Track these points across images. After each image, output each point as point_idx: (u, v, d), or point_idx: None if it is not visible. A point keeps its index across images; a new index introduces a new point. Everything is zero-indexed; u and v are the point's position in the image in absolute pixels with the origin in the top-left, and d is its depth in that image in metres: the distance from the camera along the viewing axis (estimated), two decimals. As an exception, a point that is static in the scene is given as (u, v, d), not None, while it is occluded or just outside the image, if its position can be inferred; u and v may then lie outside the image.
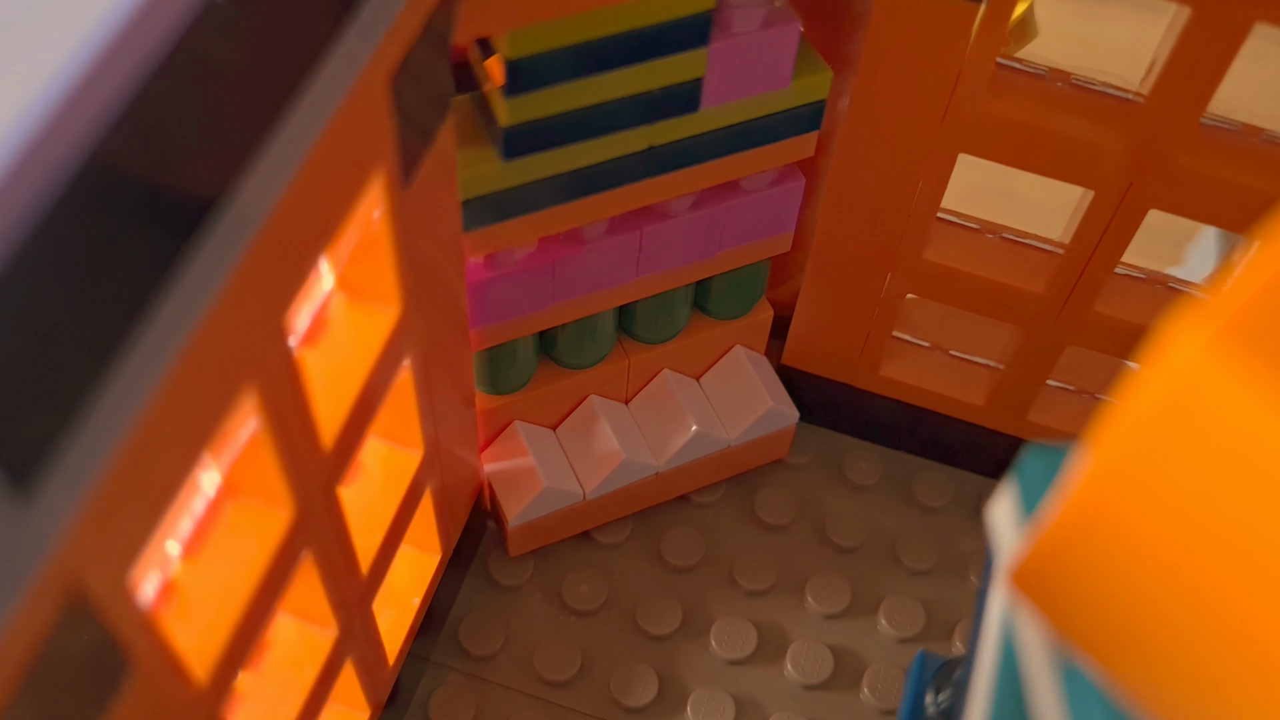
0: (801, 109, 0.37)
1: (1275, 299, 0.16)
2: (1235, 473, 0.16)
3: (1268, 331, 0.15)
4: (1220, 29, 0.33)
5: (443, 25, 0.28)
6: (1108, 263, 0.40)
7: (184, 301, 0.21)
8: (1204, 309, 0.16)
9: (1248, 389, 0.15)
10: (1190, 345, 0.16)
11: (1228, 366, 0.15)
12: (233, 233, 0.22)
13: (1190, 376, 0.16)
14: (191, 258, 0.21)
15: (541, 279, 0.37)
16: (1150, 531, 0.18)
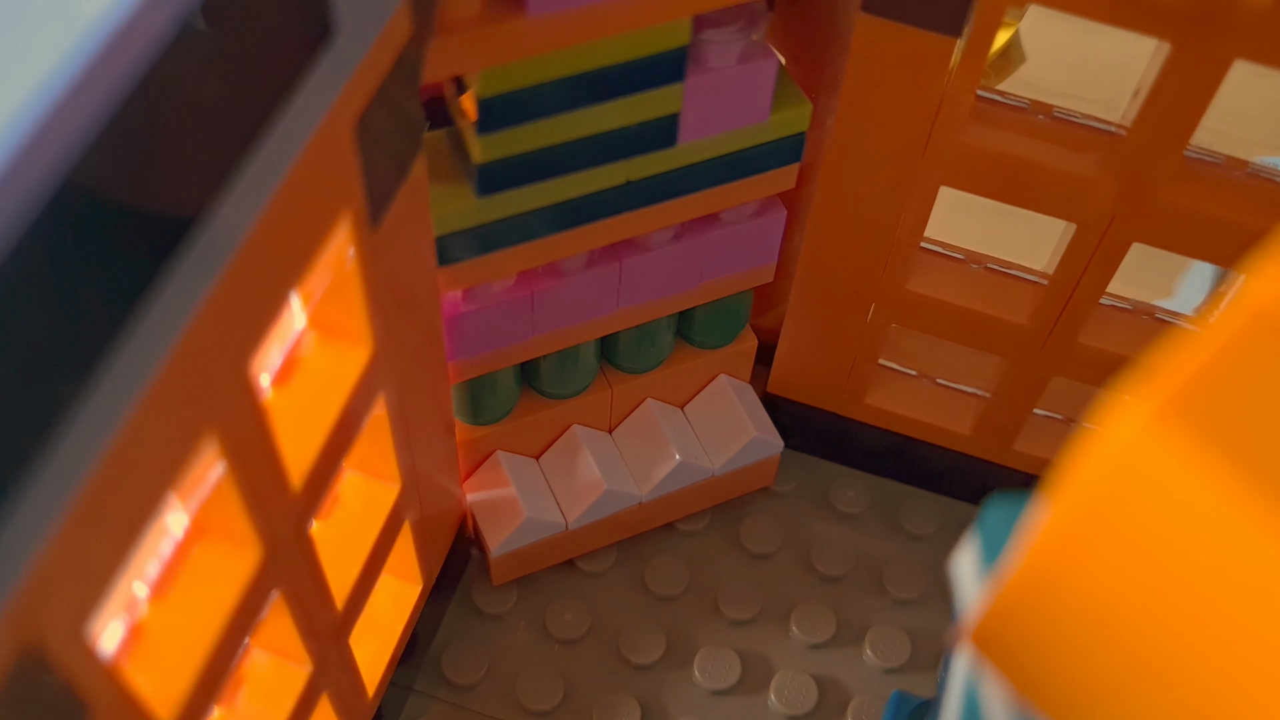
0: (781, 141, 0.37)
1: (1213, 379, 0.16)
2: (1174, 544, 0.16)
3: (1205, 410, 0.15)
4: (1200, 64, 0.32)
5: (411, 67, 0.28)
6: (1092, 295, 0.39)
7: (143, 348, 0.21)
8: (1147, 386, 0.16)
9: (1185, 465, 0.15)
10: (1132, 421, 0.15)
11: (1166, 443, 0.15)
12: (193, 280, 0.22)
13: (1131, 452, 0.16)
14: (150, 304, 0.21)
15: (520, 312, 0.37)
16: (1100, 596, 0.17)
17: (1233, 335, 0.16)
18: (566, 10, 0.30)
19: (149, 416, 0.22)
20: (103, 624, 0.26)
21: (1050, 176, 0.36)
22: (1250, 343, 0.16)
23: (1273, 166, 0.37)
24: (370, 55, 0.26)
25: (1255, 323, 0.16)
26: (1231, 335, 0.16)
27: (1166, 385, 0.16)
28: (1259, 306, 0.16)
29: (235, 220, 0.23)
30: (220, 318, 0.23)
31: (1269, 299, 0.16)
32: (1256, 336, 0.16)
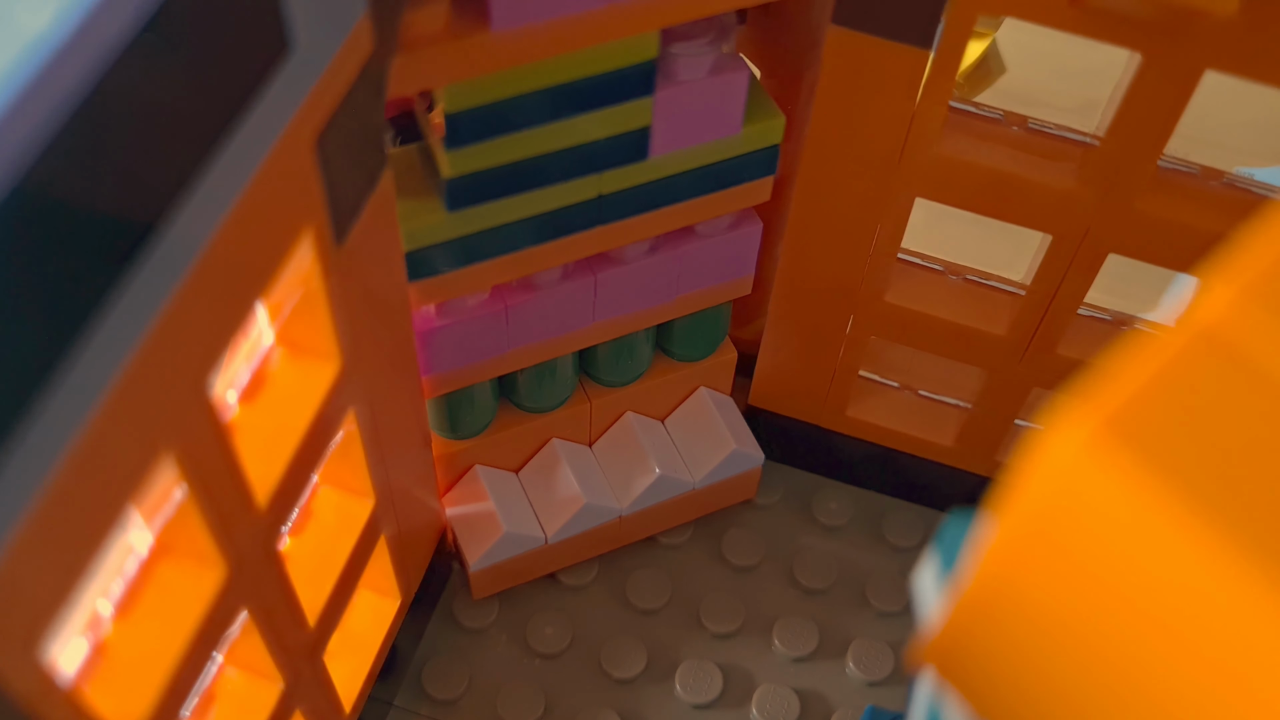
0: (755, 154, 0.37)
1: (1154, 397, 0.15)
2: (1114, 563, 0.16)
3: (1143, 430, 0.15)
4: (1171, 75, 0.32)
5: (374, 82, 0.28)
6: (1070, 305, 0.39)
7: (96, 364, 0.21)
8: (1085, 406, 0.16)
9: (1122, 486, 0.15)
10: (1070, 441, 0.15)
11: (1104, 463, 0.15)
12: (147, 295, 0.22)
13: (1070, 471, 0.15)
14: (103, 319, 0.20)
15: (495, 326, 0.37)
16: (1047, 613, 0.17)
17: (1176, 352, 0.16)
18: (532, 25, 0.30)
19: (103, 435, 0.21)
20: (62, 644, 0.26)
21: (1025, 188, 0.36)
22: (1193, 360, 0.16)
23: (1248, 176, 0.37)
24: (329, 71, 0.26)
25: (1198, 340, 0.16)
26: (1174, 352, 0.16)
27: (1106, 404, 0.16)
28: (1202, 324, 0.16)
29: (191, 236, 0.23)
30: (176, 334, 0.23)
31: (1212, 317, 0.16)
32: (1199, 354, 0.16)
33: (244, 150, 0.24)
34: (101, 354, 0.21)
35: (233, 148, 0.23)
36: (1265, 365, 0.16)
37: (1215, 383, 0.16)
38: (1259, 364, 0.16)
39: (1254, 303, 0.16)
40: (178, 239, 0.22)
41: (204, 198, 0.23)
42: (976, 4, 0.33)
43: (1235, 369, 0.16)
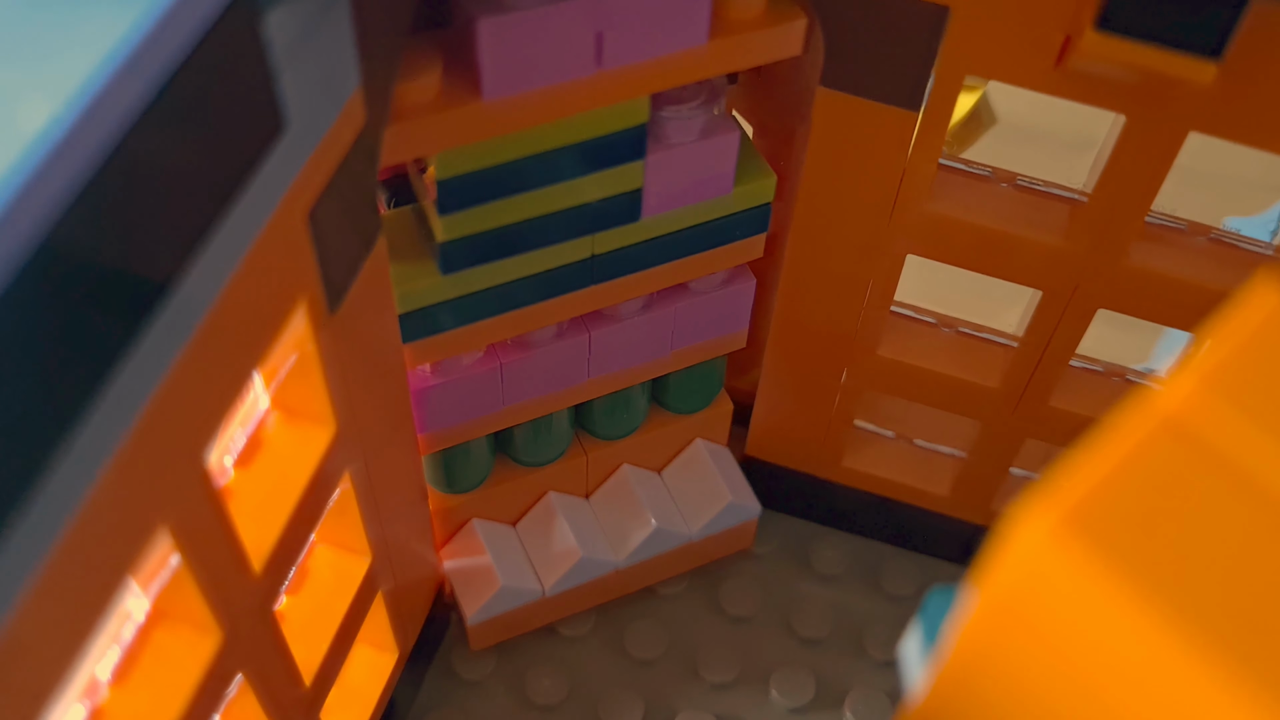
0: (747, 213, 0.37)
1: (1116, 486, 0.16)
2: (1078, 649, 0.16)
3: (1104, 521, 0.16)
4: (1155, 136, 0.33)
5: (367, 153, 0.29)
6: (1061, 358, 0.40)
7: (93, 441, 0.21)
8: (1048, 498, 0.16)
9: (1080, 575, 0.15)
10: (1034, 533, 0.16)
11: (1065, 556, 0.15)
12: (144, 374, 0.22)
13: (1035, 561, 0.16)
14: (100, 398, 0.21)
15: (490, 384, 0.38)
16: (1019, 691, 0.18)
17: (1139, 441, 0.17)
18: (523, 93, 0.30)
19: (101, 509, 0.22)
20: (61, 710, 0.26)
21: (1014, 245, 0.37)
22: (1155, 449, 0.16)
23: (1235, 231, 0.38)
24: (322, 146, 0.26)
25: (1160, 430, 0.17)
26: (1138, 441, 0.17)
27: (1070, 494, 0.16)
28: (1164, 414, 0.17)
29: (185, 314, 0.23)
30: (172, 409, 0.23)
31: (1174, 406, 0.17)
32: (1161, 443, 0.16)
33: (238, 228, 0.24)
34: (100, 430, 0.21)
35: (227, 226, 0.24)
36: (1224, 454, 0.16)
37: (1176, 471, 0.16)
38: (1218, 452, 0.16)
39: (1214, 393, 0.17)
40: (173, 318, 0.23)
41: (198, 276, 0.23)
42: (962, 68, 0.33)
43: (1195, 458, 0.16)
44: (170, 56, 0.20)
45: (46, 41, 0.19)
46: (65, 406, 0.20)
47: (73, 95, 0.18)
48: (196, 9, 0.21)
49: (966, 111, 0.52)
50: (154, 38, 0.20)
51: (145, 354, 0.22)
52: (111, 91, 0.19)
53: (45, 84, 0.19)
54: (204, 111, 0.22)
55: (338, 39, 0.26)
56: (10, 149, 0.18)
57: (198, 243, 0.23)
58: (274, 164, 0.25)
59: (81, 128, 0.19)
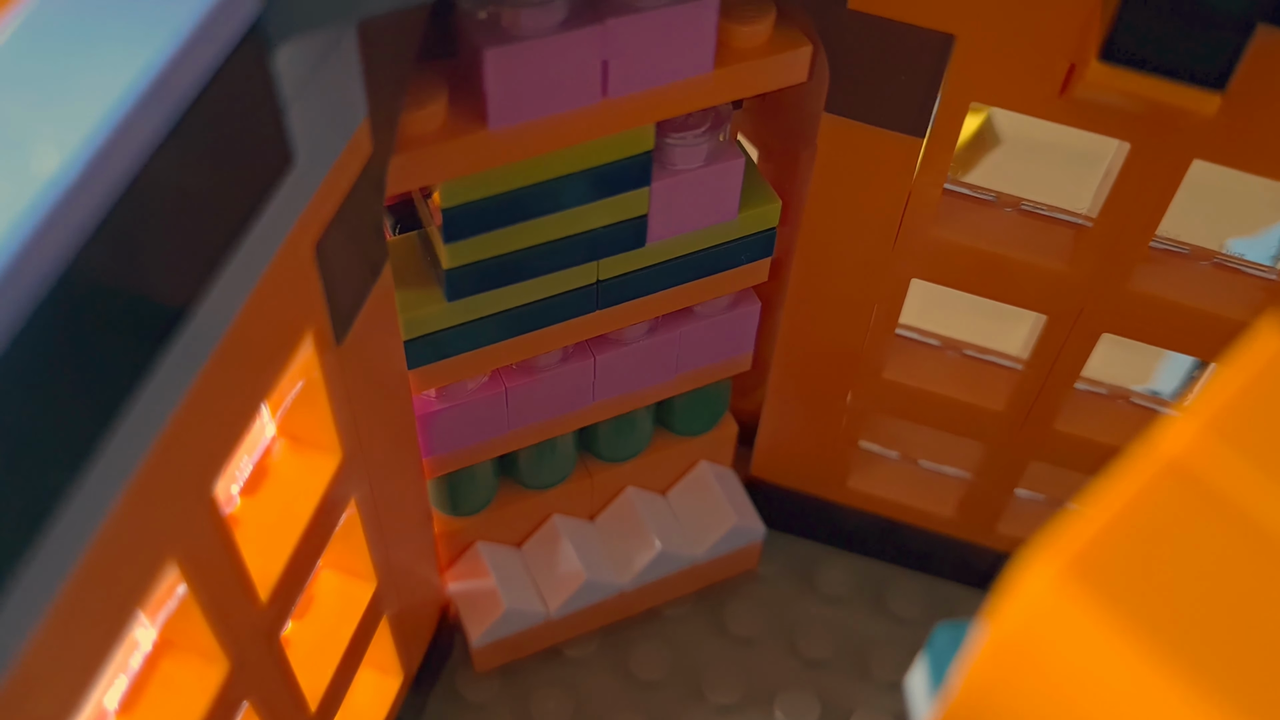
0: (752, 238, 0.37)
1: (1121, 533, 0.16)
2: (1082, 696, 0.16)
3: (1108, 568, 0.16)
4: (1159, 164, 0.33)
5: (373, 183, 0.29)
6: (1066, 381, 0.40)
7: (103, 479, 0.21)
8: (1054, 544, 0.16)
9: (1083, 622, 0.15)
10: (1040, 578, 0.16)
11: (1069, 604, 0.16)
12: (151, 412, 0.22)
13: (1040, 608, 0.16)
14: (109, 435, 0.21)
15: (495, 408, 0.38)
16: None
17: (1143, 486, 0.17)
18: (528, 122, 0.30)
19: (110, 545, 0.22)
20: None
21: (1019, 269, 0.37)
22: (1159, 494, 0.16)
23: (1239, 253, 0.38)
24: (329, 179, 0.26)
25: (1164, 474, 0.17)
26: (1142, 486, 0.17)
27: (1074, 542, 0.16)
28: (1168, 458, 0.17)
29: (194, 350, 0.23)
30: (180, 444, 0.23)
31: (1178, 451, 0.17)
32: (1165, 488, 0.17)
33: (246, 262, 0.24)
34: (110, 466, 0.21)
35: (235, 261, 0.24)
36: (1229, 498, 0.16)
37: (1181, 516, 0.16)
38: (1223, 497, 0.16)
39: (1218, 437, 0.17)
40: (181, 354, 0.23)
41: (206, 311, 0.23)
42: (967, 95, 0.33)
43: (1200, 502, 0.16)
44: (181, 96, 0.20)
45: (59, 83, 0.19)
46: (77, 444, 0.20)
47: (85, 138, 0.19)
48: (208, 48, 0.21)
49: (971, 133, 0.52)
50: (165, 78, 0.20)
51: (154, 390, 0.22)
52: (122, 133, 0.19)
53: (57, 127, 0.19)
54: (214, 148, 0.22)
55: (345, 71, 0.26)
56: (22, 193, 0.18)
57: (206, 278, 0.23)
58: (282, 198, 0.25)
59: (91, 172, 0.19)
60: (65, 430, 0.20)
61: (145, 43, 0.20)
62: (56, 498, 0.20)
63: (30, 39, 0.20)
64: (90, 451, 0.21)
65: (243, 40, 0.22)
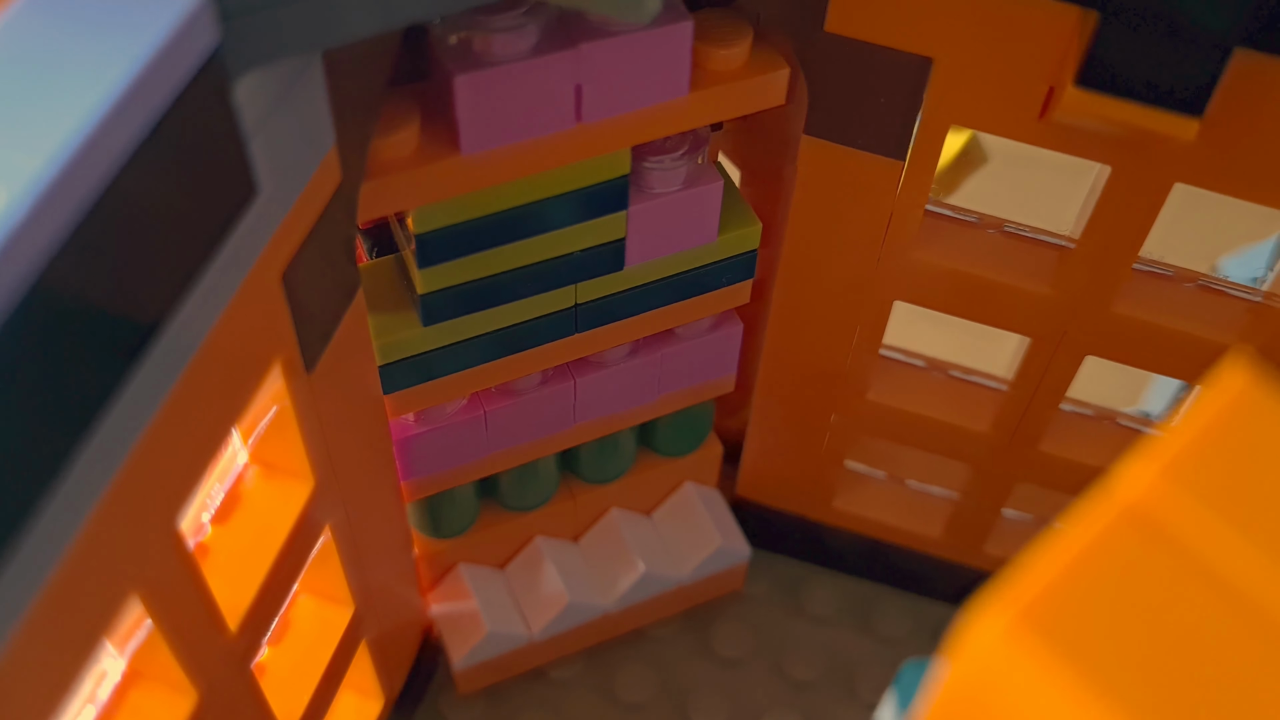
0: (732, 260, 0.37)
1: (1074, 579, 0.16)
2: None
3: (1059, 619, 0.15)
4: (1141, 187, 0.33)
5: (343, 209, 0.29)
6: (1051, 402, 0.39)
7: (64, 510, 0.21)
8: (1007, 590, 0.16)
9: (1036, 674, 0.15)
10: (992, 626, 0.16)
11: (1022, 649, 0.15)
12: (115, 440, 0.22)
13: (990, 659, 0.16)
14: (71, 465, 0.21)
15: (474, 431, 0.37)
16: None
17: (1099, 531, 0.16)
18: (502, 147, 0.30)
19: (71, 579, 0.22)
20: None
21: (1001, 291, 0.37)
22: (1115, 539, 0.16)
23: (1226, 273, 0.38)
24: (295, 209, 0.26)
25: (1121, 519, 0.16)
26: (1098, 531, 0.16)
27: (1028, 588, 0.16)
28: (1124, 504, 0.16)
29: (157, 382, 0.23)
30: (143, 477, 0.23)
31: (1134, 497, 0.16)
32: (1122, 533, 0.16)
33: (210, 294, 0.24)
34: (71, 499, 0.21)
35: (198, 292, 0.23)
36: (1184, 545, 0.16)
37: (1135, 562, 0.16)
38: (1178, 543, 0.16)
39: (1174, 483, 0.16)
40: (143, 385, 0.22)
41: (168, 344, 0.23)
42: (946, 118, 0.33)
43: (1155, 548, 0.16)
44: (137, 128, 0.20)
45: (14, 115, 0.19)
46: (36, 476, 0.20)
47: (38, 168, 0.18)
48: (163, 81, 0.21)
49: (957, 151, 0.52)
50: (117, 112, 0.20)
51: (115, 419, 0.22)
52: (72, 165, 0.19)
53: (7, 160, 0.19)
54: (173, 180, 0.22)
55: (311, 101, 0.26)
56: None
57: (169, 308, 0.23)
58: (245, 229, 0.25)
59: (44, 202, 0.19)
60: (24, 460, 0.20)
61: (98, 76, 0.20)
62: (16, 529, 0.20)
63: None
64: (48, 485, 0.20)
65: (200, 72, 0.21)
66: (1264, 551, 0.16)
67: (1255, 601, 0.16)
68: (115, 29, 0.20)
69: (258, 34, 0.22)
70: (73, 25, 0.20)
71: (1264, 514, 0.17)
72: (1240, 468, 0.17)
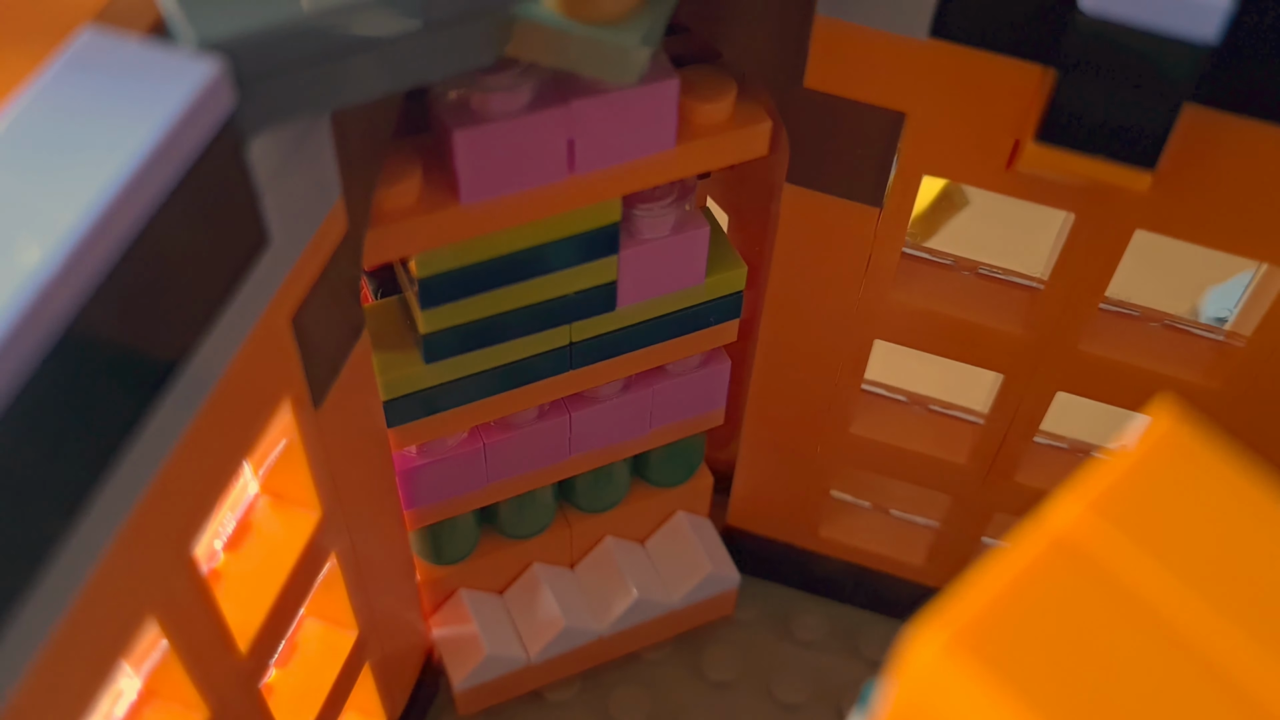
0: (719, 300, 0.39)
1: (1008, 606, 0.17)
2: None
3: (995, 641, 0.17)
4: (1103, 233, 0.34)
5: (350, 256, 0.30)
6: (1025, 434, 0.41)
7: (84, 542, 0.23)
8: (944, 616, 0.17)
9: (972, 693, 0.17)
10: (928, 650, 0.17)
11: (957, 672, 0.17)
12: (132, 476, 0.24)
13: (929, 679, 0.17)
14: (90, 501, 0.22)
15: (474, 463, 0.39)
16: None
17: (1031, 561, 0.18)
18: (499, 197, 0.32)
19: (92, 604, 0.23)
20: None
21: (975, 332, 0.38)
22: (1046, 568, 0.18)
23: (1217, 303, 0.39)
24: (304, 257, 0.28)
25: (1052, 550, 0.18)
26: (1030, 561, 0.18)
27: (963, 613, 0.17)
28: (1056, 534, 0.18)
29: (172, 422, 0.25)
30: (159, 510, 0.25)
31: (1066, 528, 0.18)
32: (1052, 562, 0.18)
33: (223, 338, 0.26)
34: (91, 530, 0.23)
35: (213, 335, 0.25)
36: (1111, 574, 0.18)
37: (1064, 590, 0.18)
38: (1105, 573, 0.18)
39: (1102, 516, 0.18)
40: (159, 426, 0.24)
41: (185, 383, 0.25)
42: (919, 168, 0.35)
43: (1083, 577, 0.18)
44: (159, 187, 0.22)
45: (49, 175, 0.21)
46: (64, 504, 0.22)
47: (69, 226, 0.20)
48: (184, 143, 0.23)
49: (937, 194, 0.54)
50: (142, 174, 0.21)
51: (137, 455, 0.24)
52: (105, 221, 0.21)
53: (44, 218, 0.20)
54: (191, 234, 0.24)
55: (319, 157, 0.28)
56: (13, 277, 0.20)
57: (185, 352, 0.24)
58: (257, 276, 0.26)
59: (76, 258, 0.20)
60: (54, 490, 0.22)
61: (123, 141, 0.22)
62: (44, 555, 0.22)
63: (20, 136, 0.22)
64: (75, 513, 0.22)
65: (217, 135, 0.23)
66: (1183, 580, 0.18)
67: (1173, 626, 0.18)
68: (139, 97, 0.22)
69: (270, 98, 0.24)
70: (101, 93, 0.22)
71: (1183, 546, 0.18)
72: (1162, 503, 0.19)
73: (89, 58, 0.23)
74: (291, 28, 0.24)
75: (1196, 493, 0.19)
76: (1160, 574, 0.18)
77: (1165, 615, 0.18)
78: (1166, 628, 0.18)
